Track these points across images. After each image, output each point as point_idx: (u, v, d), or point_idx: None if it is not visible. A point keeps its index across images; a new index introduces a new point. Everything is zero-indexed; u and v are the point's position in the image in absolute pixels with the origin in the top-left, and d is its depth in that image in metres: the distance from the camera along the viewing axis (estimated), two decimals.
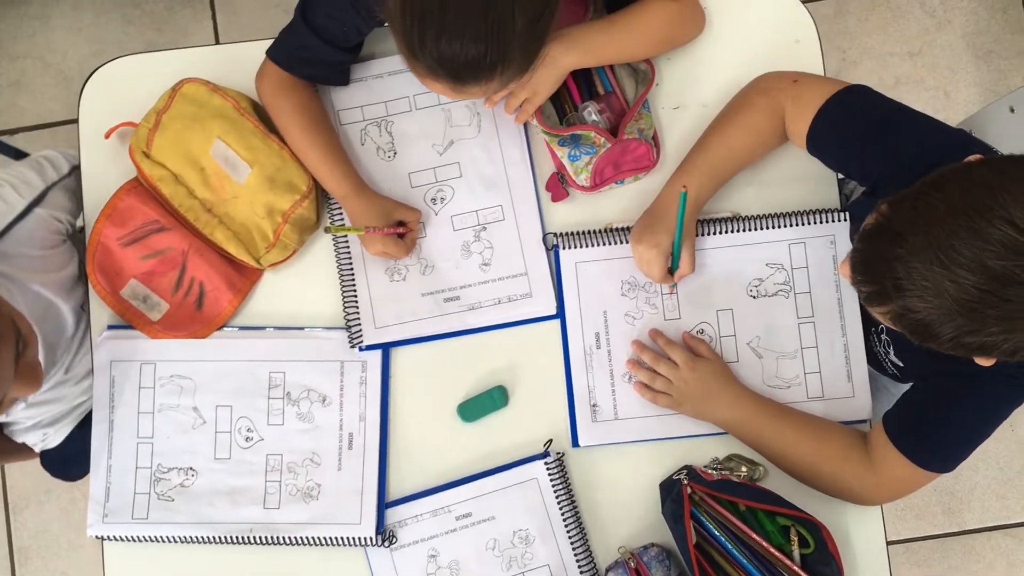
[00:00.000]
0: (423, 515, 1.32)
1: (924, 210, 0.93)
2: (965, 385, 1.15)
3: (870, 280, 0.98)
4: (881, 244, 0.96)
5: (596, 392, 1.35)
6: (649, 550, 1.29)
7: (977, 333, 0.92)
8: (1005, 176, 0.91)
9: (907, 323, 0.97)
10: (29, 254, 1.29)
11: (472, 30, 1.04)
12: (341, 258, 1.37)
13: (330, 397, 1.34)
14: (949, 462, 1.20)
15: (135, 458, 1.35)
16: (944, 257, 0.90)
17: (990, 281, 0.88)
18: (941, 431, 1.19)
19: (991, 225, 0.88)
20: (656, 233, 1.28)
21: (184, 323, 1.36)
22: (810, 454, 1.27)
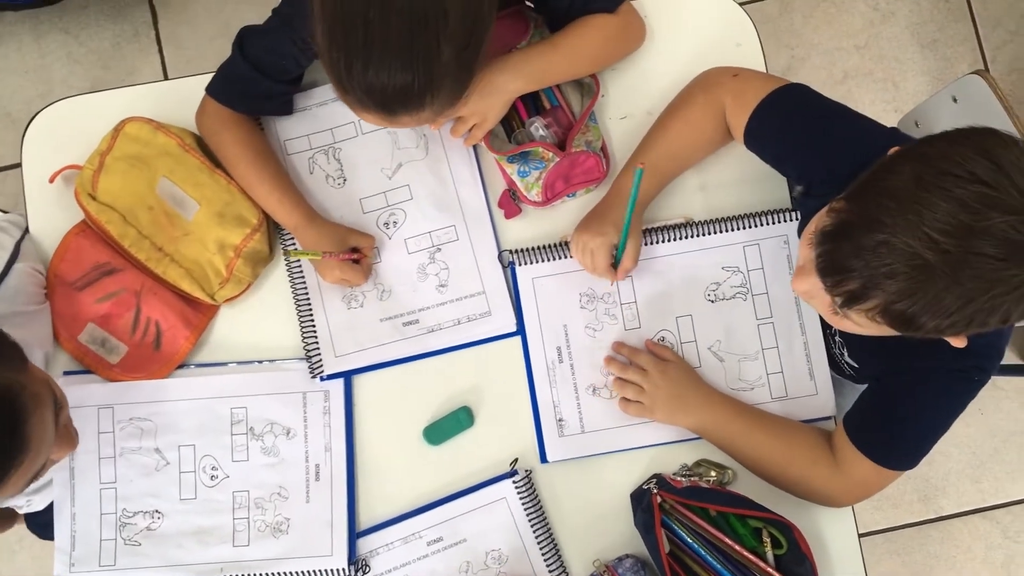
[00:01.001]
0: (394, 543, 1.31)
1: (888, 190, 0.92)
2: (918, 382, 1.16)
3: (849, 278, 0.95)
4: (852, 236, 0.94)
5: (561, 406, 1.34)
6: (624, 561, 1.29)
7: (971, 303, 0.90)
8: (956, 144, 0.91)
9: (892, 314, 0.94)
10: (24, 311, 1.27)
11: (398, 61, 1.04)
12: (297, 288, 1.36)
13: (294, 429, 1.33)
14: (910, 459, 1.21)
15: (99, 504, 1.33)
16: (925, 227, 0.88)
17: (975, 240, 0.87)
18: (899, 429, 1.20)
19: (963, 187, 0.87)
20: (603, 224, 1.28)
21: (143, 364, 1.35)
22: (779, 456, 1.27)
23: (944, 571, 2.29)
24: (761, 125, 1.24)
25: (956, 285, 0.89)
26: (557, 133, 1.35)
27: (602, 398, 1.34)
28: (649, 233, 1.35)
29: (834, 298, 0.99)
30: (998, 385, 2.33)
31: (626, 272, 1.31)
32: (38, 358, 1.30)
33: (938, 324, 0.93)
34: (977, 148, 0.90)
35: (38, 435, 1.01)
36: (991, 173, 0.87)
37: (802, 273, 1.04)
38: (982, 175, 0.87)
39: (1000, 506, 2.30)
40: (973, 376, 1.13)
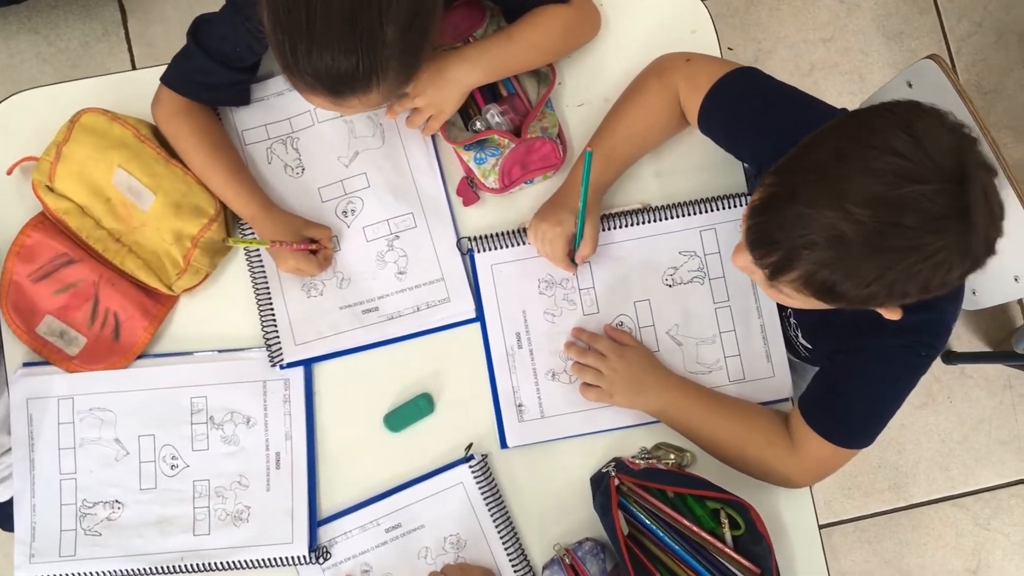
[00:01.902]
0: (352, 531, 1.32)
1: (811, 164, 0.95)
2: (866, 359, 1.17)
3: (773, 250, 0.97)
4: (777, 210, 0.97)
5: (520, 392, 1.35)
6: (583, 545, 1.29)
7: (885, 275, 0.92)
8: (878, 118, 0.93)
9: (815, 284, 0.96)
10: None
11: (341, 43, 1.04)
12: (256, 277, 1.36)
13: (254, 418, 1.33)
14: (864, 437, 1.22)
15: (59, 495, 1.32)
16: (839, 199, 0.90)
17: (890, 212, 0.89)
18: (851, 407, 1.21)
19: (878, 159, 0.90)
20: (559, 212, 1.29)
21: (102, 355, 1.35)
22: (736, 437, 1.28)
23: (915, 558, 2.30)
24: (713, 109, 1.26)
25: (873, 255, 0.91)
26: (513, 120, 1.36)
27: (561, 383, 1.35)
28: (606, 219, 1.36)
29: (763, 270, 1.01)
30: (967, 373, 2.35)
31: (584, 259, 1.32)
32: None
33: (859, 294, 0.95)
34: (896, 121, 0.92)
35: None
36: (907, 145, 0.89)
37: (739, 249, 1.06)
38: (898, 147, 0.89)
39: (970, 493, 2.32)
40: (920, 351, 1.14)
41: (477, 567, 1.29)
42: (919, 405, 2.33)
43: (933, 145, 0.89)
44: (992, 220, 0.92)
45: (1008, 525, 2.31)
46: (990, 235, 0.92)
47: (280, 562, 1.30)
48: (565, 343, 1.35)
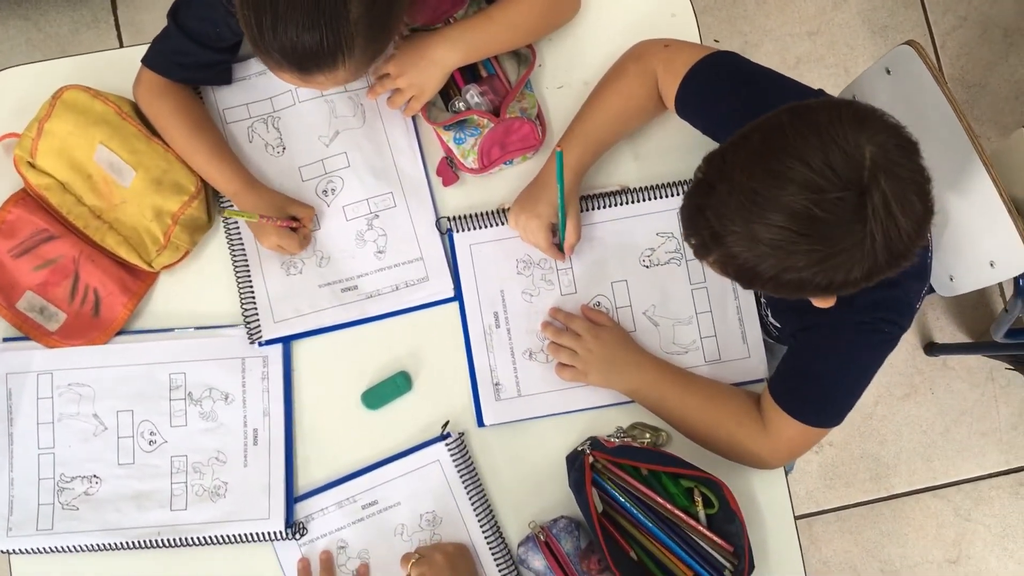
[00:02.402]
0: (329, 507, 1.32)
1: (730, 159, 0.97)
2: (828, 337, 1.19)
3: (692, 234, 1.01)
4: (697, 198, 1.00)
5: (498, 371, 1.36)
6: (558, 522, 1.30)
7: (791, 271, 0.95)
8: (799, 118, 0.95)
9: (732, 269, 1.00)
10: None
11: (304, 19, 1.05)
12: (236, 255, 1.37)
13: (232, 394, 1.34)
14: (832, 416, 1.23)
15: (37, 469, 1.33)
16: (747, 201, 0.93)
17: (791, 219, 0.92)
18: (818, 386, 1.22)
19: (785, 166, 0.91)
20: (537, 203, 1.30)
21: (82, 331, 1.35)
22: (708, 418, 1.29)
23: (896, 548, 2.31)
24: (690, 93, 1.27)
25: (778, 254, 0.94)
26: (493, 101, 1.37)
27: (538, 362, 1.36)
28: (585, 200, 1.37)
29: (690, 249, 1.04)
30: (949, 365, 2.36)
31: (572, 247, 1.33)
32: None
33: (770, 285, 0.98)
34: (813, 127, 0.93)
35: None
36: (816, 153, 0.91)
37: None
38: (807, 155, 0.91)
39: (951, 484, 2.34)
40: (883, 328, 1.15)
41: (451, 544, 1.30)
42: (901, 396, 2.34)
43: (839, 153, 0.90)
44: (897, 230, 0.92)
45: (989, 516, 2.32)
46: (893, 245, 0.93)
47: (256, 538, 1.31)
48: (542, 323, 1.36)
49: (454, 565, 1.26)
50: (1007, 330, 1.86)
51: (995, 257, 1.48)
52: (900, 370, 2.35)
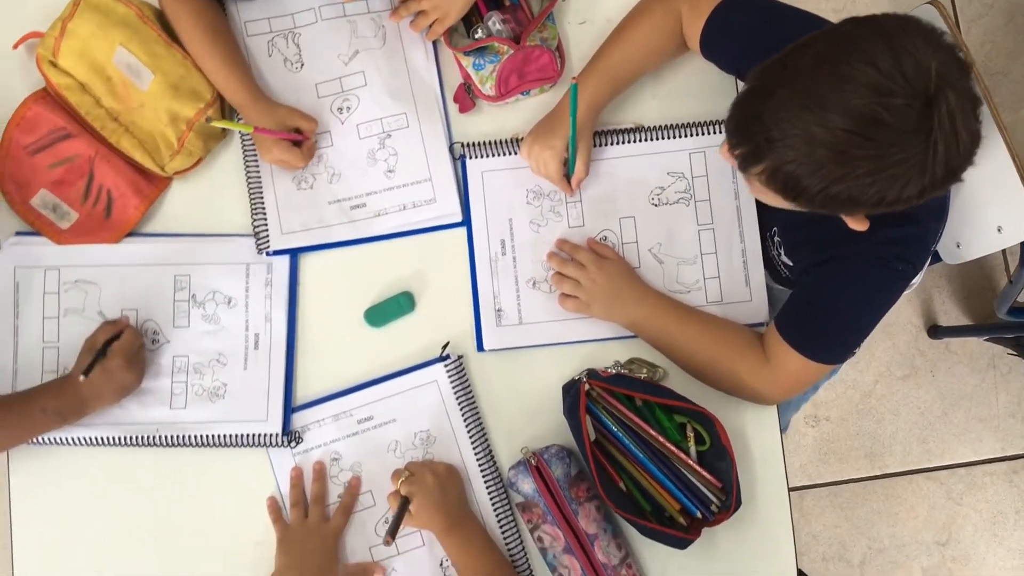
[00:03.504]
0: (325, 419, 1.34)
1: (791, 64, 0.96)
2: (841, 270, 1.19)
3: (744, 141, 1.00)
4: (752, 104, 0.99)
5: (501, 297, 1.37)
6: (550, 449, 1.31)
7: (845, 179, 0.94)
8: (865, 25, 0.95)
9: (779, 180, 0.99)
10: None
11: None
12: (249, 164, 1.38)
13: (235, 299, 1.35)
14: (838, 352, 1.24)
15: (41, 363, 1.34)
16: (811, 103, 0.93)
17: (855, 122, 0.91)
18: (826, 321, 1.22)
19: (853, 68, 0.91)
20: (552, 136, 1.31)
21: (93, 231, 1.37)
22: (710, 351, 1.30)
23: (886, 527, 2.32)
24: (715, 33, 1.27)
25: (835, 159, 0.93)
26: (514, 30, 1.38)
27: (542, 292, 1.37)
28: (599, 136, 1.38)
29: (735, 160, 1.03)
30: (951, 349, 2.36)
31: (579, 182, 1.33)
32: None
33: (819, 195, 0.97)
34: (881, 32, 0.93)
35: None
36: (885, 58, 0.90)
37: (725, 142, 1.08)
38: (876, 59, 0.91)
39: (945, 467, 2.34)
40: (896, 265, 1.16)
41: (442, 464, 1.31)
42: (901, 376, 2.35)
43: (910, 61, 0.90)
44: (957, 144, 0.92)
45: (981, 502, 2.33)
46: (952, 159, 0.93)
47: (253, 440, 1.32)
48: (548, 253, 1.37)
49: (443, 486, 1.27)
50: (1010, 308, 1.86)
51: (1003, 223, 1.48)
52: (902, 351, 2.35)
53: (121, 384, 1.28)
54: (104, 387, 1.27)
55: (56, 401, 1.26)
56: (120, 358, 1.27)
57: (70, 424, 1.29)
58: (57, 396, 1.27)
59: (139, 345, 1.31)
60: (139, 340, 1.31)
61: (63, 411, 1.26)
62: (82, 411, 1.28)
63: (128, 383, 1.29)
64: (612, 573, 1.27)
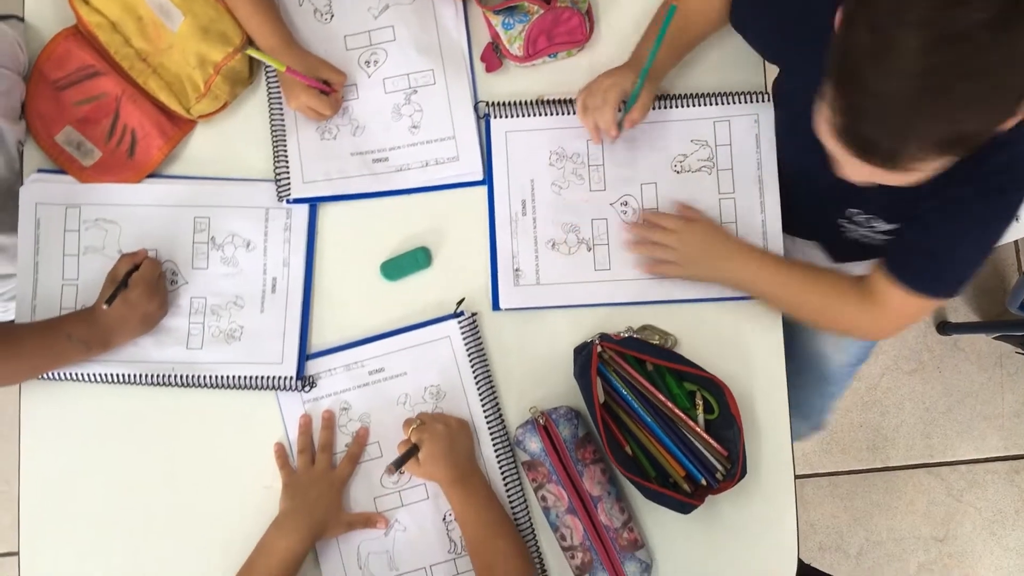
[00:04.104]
0: (336, 369, 1.34)
1: (852, 50, 0.92)
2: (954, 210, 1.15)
3: (877, 150, 0.95)
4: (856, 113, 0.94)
5: (520, 257, 1.37)
6: (558, 410, 1.31)
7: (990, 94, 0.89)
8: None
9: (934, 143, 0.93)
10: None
11: None
12: (274, 111, 1.38)
13: (254, 242, 1.36)
14: (949, 286, 1.21)
15: (59, 300, 1.35)
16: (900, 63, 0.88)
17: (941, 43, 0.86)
18: (935, 254, 1.19)
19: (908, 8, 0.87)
20: (623, 70, 1.30)
21: (115, 170, 1.37)
22: (815, 299, 1.30)
23: (884, 520, 2.32)
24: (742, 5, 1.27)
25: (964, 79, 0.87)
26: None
27: (560, 253, 1.37)
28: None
29: (884, 170, 0.98)
30: (960, 346, 2.36)
31: (633, 123, 1.31)
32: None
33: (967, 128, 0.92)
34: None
35: None
36: None
37: (841, 163, 1.03)
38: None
39: (947, 464, 2.34)
40: (1009, 192, 1.12)
41: (454, 418, 1.32)
42: (908, 371, 2.35)
43: None
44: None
45: (981, 500, 2.33)
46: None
47: (267, 383, 1.33)
48: (631, 226, 1.36)
49: (453, 437, 1.28)
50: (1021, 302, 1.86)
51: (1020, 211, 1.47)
52: (910, 345, 2.35)
53: (144, 313, 1.29)
54: (128, 317, 1.28)
55: (81, 329, 1.27)
56: (141, 287, 1.27)
57: (94, 356, 1.30)
58: (82, 324, 1.28)
59: (159, 274, 1.31)
60: (158, 269, 1.31)
61: (88, 340, 1.27)
62: (107, 342, 1.29)
63: (151, 312, 1.29)
64: (614, 535, 1.28)
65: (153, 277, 1.29)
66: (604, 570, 1.27)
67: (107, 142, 1.37)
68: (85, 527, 1.34)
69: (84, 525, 1.34)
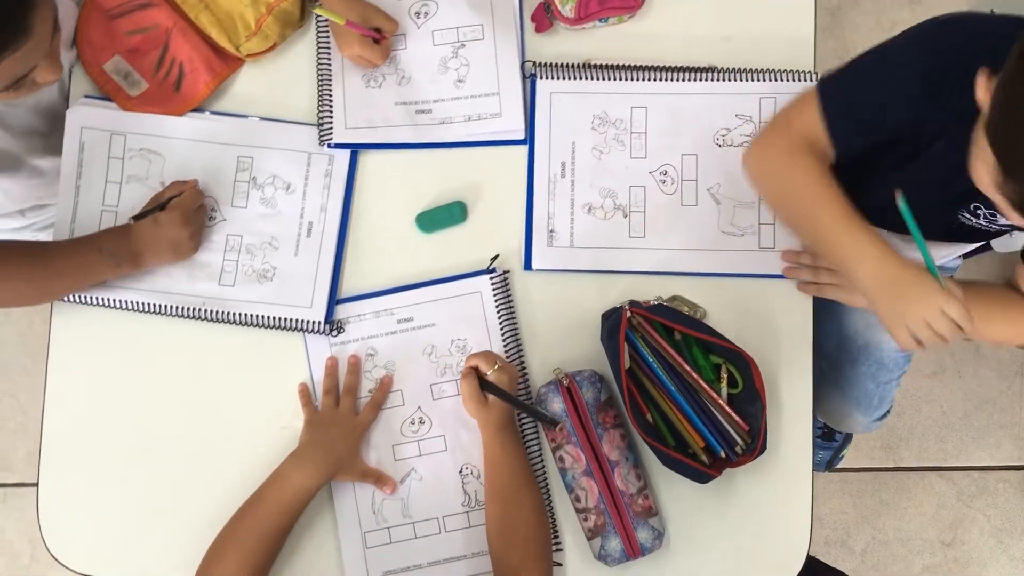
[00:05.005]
0: (365, 315, 1.35)
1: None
2: None
3: None
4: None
5: (555, 219, 1.37)
6: (583, 372, 1.32)
7: None
8: None
9: None
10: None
11: None
12: (321, 56, 1.39)
13: (294, 185, 1.37)
14: None
15: (98, 225, 1.36)
16: None
17: None
18: None
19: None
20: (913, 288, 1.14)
21: (161, 102, 1.38)
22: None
23: (892, 520, 2.32)
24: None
25: None
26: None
27: (596, 218, 1.37)
28: (670, 71, 1.38)
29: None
30: (981, 353, 2.35)
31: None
32: None
33: None
34: None
35: (41, 30, 1.03)
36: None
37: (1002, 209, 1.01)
38: None
39: (959, 469, 2.33)
40: None
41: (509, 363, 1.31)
42: (928, 373, 2.34)
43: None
44: None
45: (991, 507, 2.32)
46: None
47: (296, 324, 1.34)
48: (791, 269, 1.34)
49: (516, 386, 1.29)
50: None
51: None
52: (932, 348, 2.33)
53: (174, 239, 1.29)
54: (158, 238, 1.28)
55: (112, 244, 1.28)
56: (177, 212, 1.28)
57: (123, 274, 1.31)
58: (114, 239, 1.29)
59: (198, 206, 1.32)
60: (199, 201, 1.32)
61: (118, 255, 1.28)
62: (136, 260, 1.29)
63: (181, 239, 1.30)
64: (628, 500, 1.28)
65: (191, 206, 1.30)
66: (616, 534, 1.27)
67: (154, 74, 1.38)
68: (104, 458, 1.36)
69: (103, 456, 1.36)
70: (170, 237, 1.28)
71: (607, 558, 1.28)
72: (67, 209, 1.37)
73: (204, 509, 1.29)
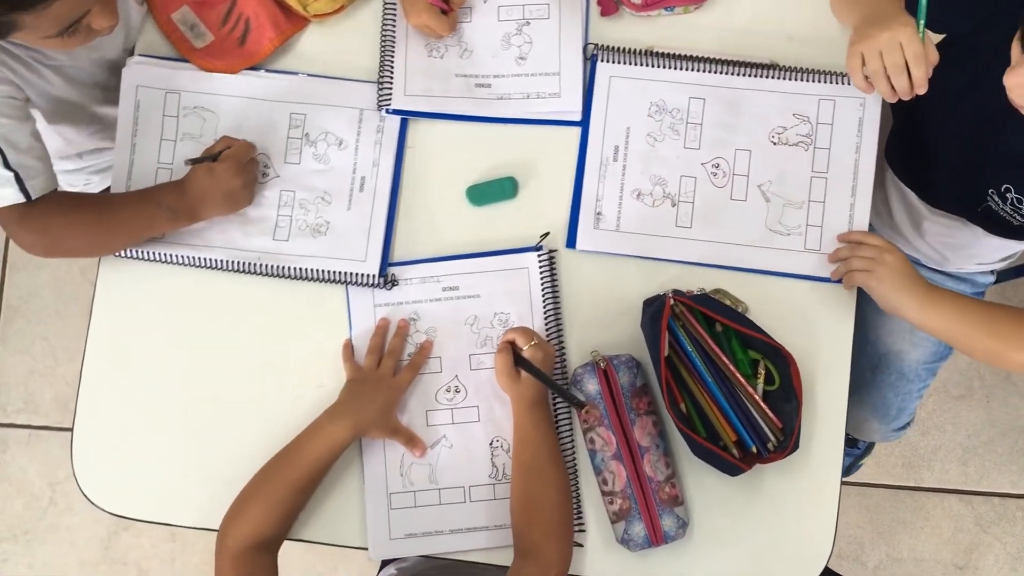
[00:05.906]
0: (412, 280, 1.36)
1: None
2: None
3: None
4: None
5: (603, 201, 1.38)
6: (620, 356, 1.32)
7: None
8: None
9: None
10: None
11: None
12: (386, 21, 1.40)
13: (346, 141, 1.38)
14: None
15: (154, 182, 1.37)
16: None
17: None
18: None
19: None
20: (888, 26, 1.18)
21: (224, 56, 1.39)
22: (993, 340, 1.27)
23: (907, 539, 2.31)
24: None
25: None
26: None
27: (644, 204, 1.38)
28: (732, 65, 1.38)
29: None
30: (1012, 380, 2.33)
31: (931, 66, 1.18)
32: None
33: None
34: None
35: None
36: None
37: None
38: None
39: (980, 493, 2.32)
40: None
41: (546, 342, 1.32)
42: (956, 396, 2.32)
43: None
44: None
45: (1008, 534, 2.31)
46: None
47: (350, 278, 1.35)
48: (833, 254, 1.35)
49: (550, 365, 1.30)
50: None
51: None
52: (962, 370, 2.32)
53: (229, 189, 1.30)
54: (212, 189, 1.30)
55: (169, 197, 1.30)
56: (230, 162, 1.30)
57: (179, 227, 1.33)
58: (170, 192, 1.31)
59: (251, 157, 1.33)
60: (252, 152, 1.33)
61: (175, 208, 1.29)
62: (192, 212, 1.31)
63: (235, 189, 1.31)
64: (655, 487, 1.28)
65: (244, 156, 1.31)
66: (641, 520, 1.28)
67: (221, 27, 1.40)
68: (142, 405, 1.37)
69: (141, 402, 1.38)
70: (224, 187, 1.30)
71: (629, 542, 1.29)
72: (123, 166, 1.38)
73: (234, 459, 1.30)
